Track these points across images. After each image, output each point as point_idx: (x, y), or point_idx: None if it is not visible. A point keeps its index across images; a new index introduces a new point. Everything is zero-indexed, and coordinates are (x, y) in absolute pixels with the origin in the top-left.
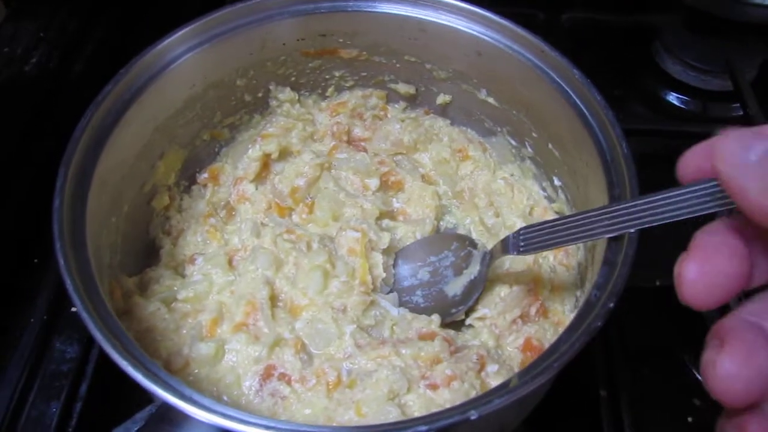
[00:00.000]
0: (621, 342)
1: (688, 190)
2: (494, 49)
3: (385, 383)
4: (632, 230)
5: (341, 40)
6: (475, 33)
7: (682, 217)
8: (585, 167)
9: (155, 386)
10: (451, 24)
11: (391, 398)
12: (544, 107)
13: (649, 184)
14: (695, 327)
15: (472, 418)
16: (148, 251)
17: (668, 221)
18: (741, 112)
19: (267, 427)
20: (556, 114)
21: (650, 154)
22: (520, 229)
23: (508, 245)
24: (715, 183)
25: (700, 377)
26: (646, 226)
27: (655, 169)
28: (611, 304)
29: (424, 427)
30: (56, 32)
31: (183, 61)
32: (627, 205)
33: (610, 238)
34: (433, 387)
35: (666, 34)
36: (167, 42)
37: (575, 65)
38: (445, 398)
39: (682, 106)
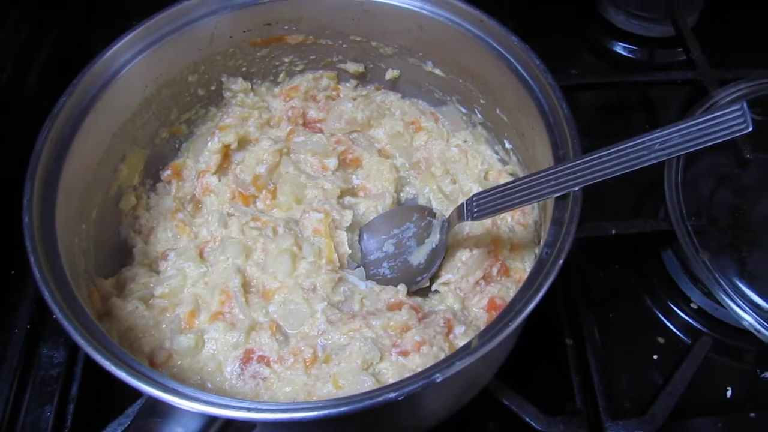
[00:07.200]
0: (583, 291)
1: (626, 146)
2: (434, 22)
3: (358, 355)
4: (576, 189)
5: (286, 27)
6: (414, 8)
7: (620, 173)
8: (531, 130)
9: (139, 382)
10: (390, 1)
11: (365, 368)
12: (488, 74)
13: (604, 136)
14: (653, 271)
15: (438, 380)
16: (121, 252)
17: (608, 177)
18: (684, 57)
19: (248, 409)
20: (500, 80)
21: (602, 105)
22: (473, 196)
23: (463, 212)
24: (653, 137)
25: (662, 316)
26: (589, 183)
27: (606, 121)
28: (561, 261)
29: (393, 394)
30: (6, 42)
31: (133, 65)
32: (569, 165)
33: (557, 197)
34: (405, 353)
35: None
36: (115, 48)
37: (513, 32)
38: (417, 363)
39: (629, 55)
